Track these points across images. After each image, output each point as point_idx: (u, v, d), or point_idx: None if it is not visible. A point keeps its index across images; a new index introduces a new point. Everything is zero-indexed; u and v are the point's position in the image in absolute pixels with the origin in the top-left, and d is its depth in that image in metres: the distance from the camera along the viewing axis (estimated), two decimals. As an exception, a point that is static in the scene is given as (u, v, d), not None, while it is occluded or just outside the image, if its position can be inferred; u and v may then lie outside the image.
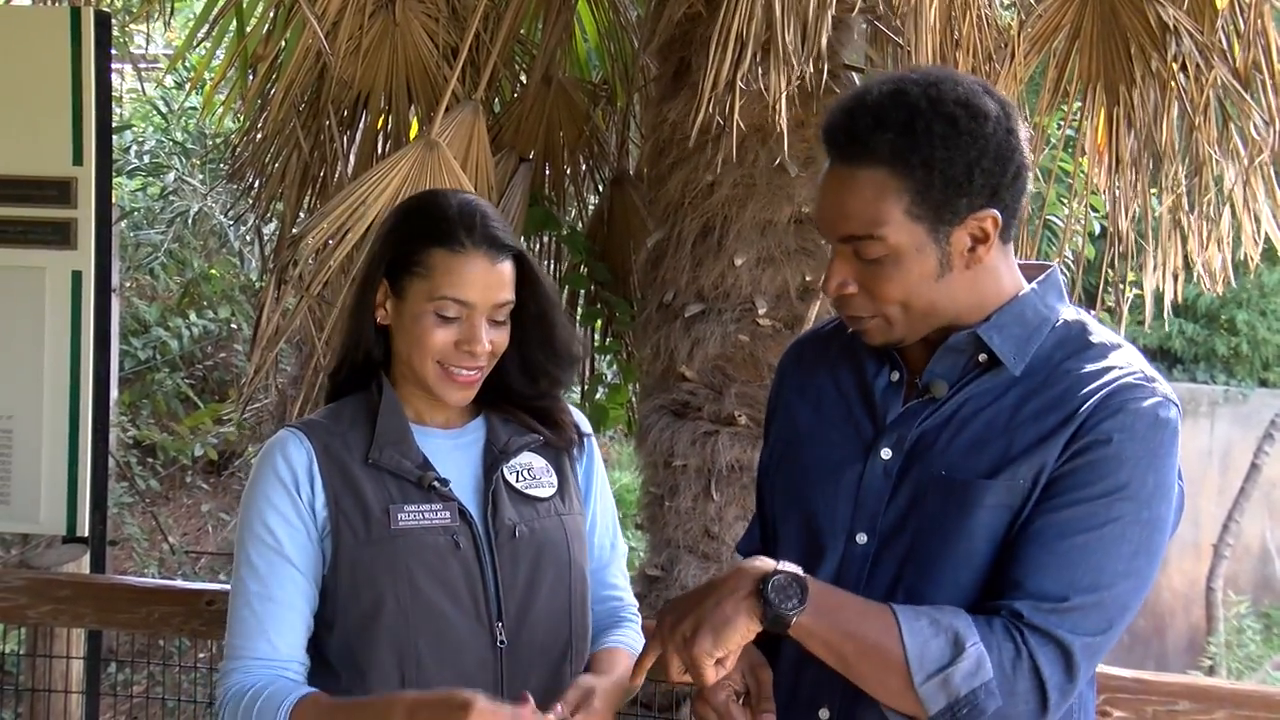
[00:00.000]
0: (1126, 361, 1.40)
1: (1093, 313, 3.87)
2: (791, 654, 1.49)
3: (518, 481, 1.71)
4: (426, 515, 1.63)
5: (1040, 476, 1.36)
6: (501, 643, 1.63)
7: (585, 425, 1.83)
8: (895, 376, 1.50)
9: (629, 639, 1.81)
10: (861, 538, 1.45)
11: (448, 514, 1.63)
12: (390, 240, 1.70)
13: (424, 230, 1.67)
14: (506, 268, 1.67)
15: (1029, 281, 1.48)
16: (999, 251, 1.45)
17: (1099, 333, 1.45)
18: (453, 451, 1.71)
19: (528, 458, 1.73)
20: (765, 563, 1.35)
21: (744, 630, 1.33)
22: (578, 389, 4.03)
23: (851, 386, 1.55)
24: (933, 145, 1.36)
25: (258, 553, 1.62)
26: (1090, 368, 1.39)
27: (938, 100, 1.37)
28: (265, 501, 1.63)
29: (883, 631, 1.32)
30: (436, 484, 1.64)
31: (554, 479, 1.74)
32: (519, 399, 1.77)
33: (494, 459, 1.71)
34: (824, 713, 1.46)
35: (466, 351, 1.64)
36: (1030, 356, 1.43)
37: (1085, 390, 1.37)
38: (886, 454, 1.46)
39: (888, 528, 1.44)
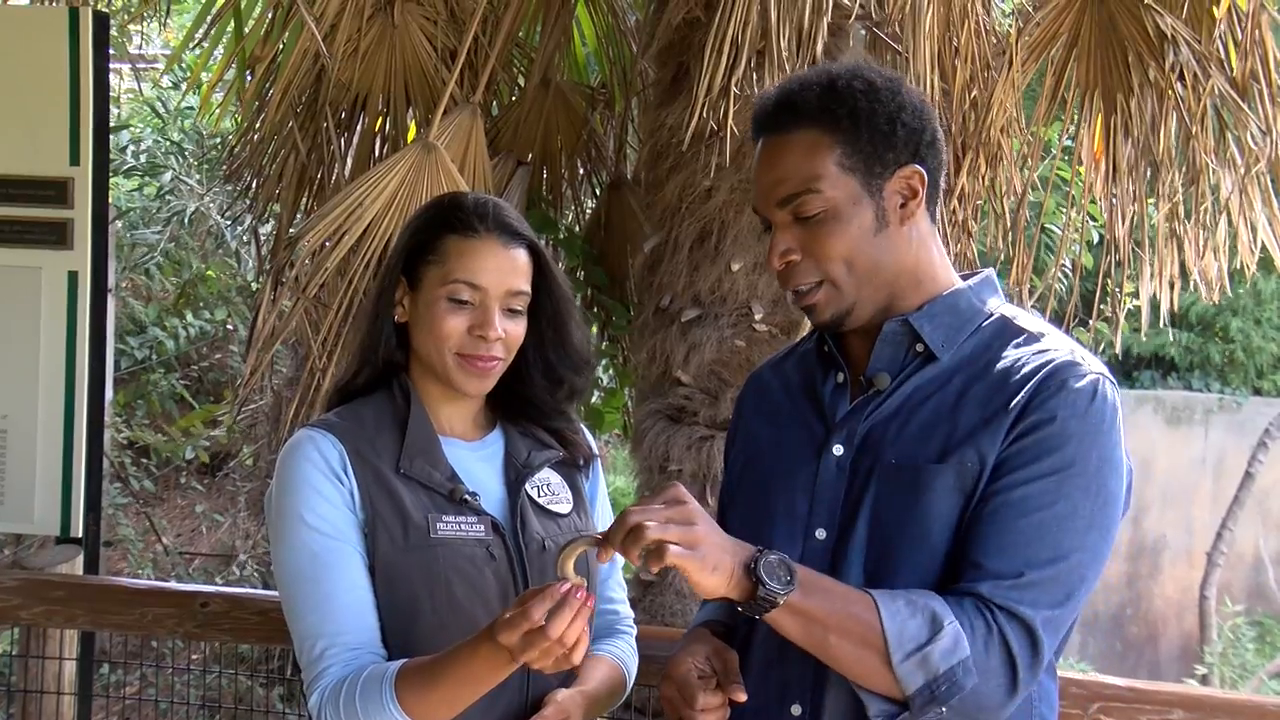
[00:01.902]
0: (1059, 344, 1.47)
1: (1090, 321, 3.87)
2: (760, 655, 1.53)
3: (539, 497, 1.71)
4: (464, 527, 1.62)
5: (988, 459, 1.40)
6: None
7: (594, 447, 1.84)
8: (841, 378, 1.55)
9: (618, 650, 1.82)
10: (820, 533, 1.48)
11: (482, 527, 1.64)
12: (407, 233, 1.72)
13: (439, 220, 1.69)
14: (521, 256, 1.68)
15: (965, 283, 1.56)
16: (929, 227, 1.53)
17: (1030, 321, 1.52)
18: (475, 464, 1.71)
19: (546, 473, 1.74)
20: (748, 546, 1.35)
21: (709, 584, 1.31)
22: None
23: (801, 395, 1.60)
24: (855, 97, 1.46)
25: (311, 539, 1.58)
26: (1026, 352, 1.46)
27: (856, 68, 1.51)
28: (311, 490, 1.59)
29: (861, 612, 1.34)
30: (469, 498, 1.64)
31: (569, 495, 1.75)
32: (537, 413, 1.77)
33: (517, 473, 1.71)
34: (795, 709, 1.49)
35: (479, 337, 1.63)
36: (963, 346, 1.49)
37: (1024, 372, 1.43)
38: (838, 450, 1.50)
39: (845, 520, 1.47)
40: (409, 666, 1.53)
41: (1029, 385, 1.41)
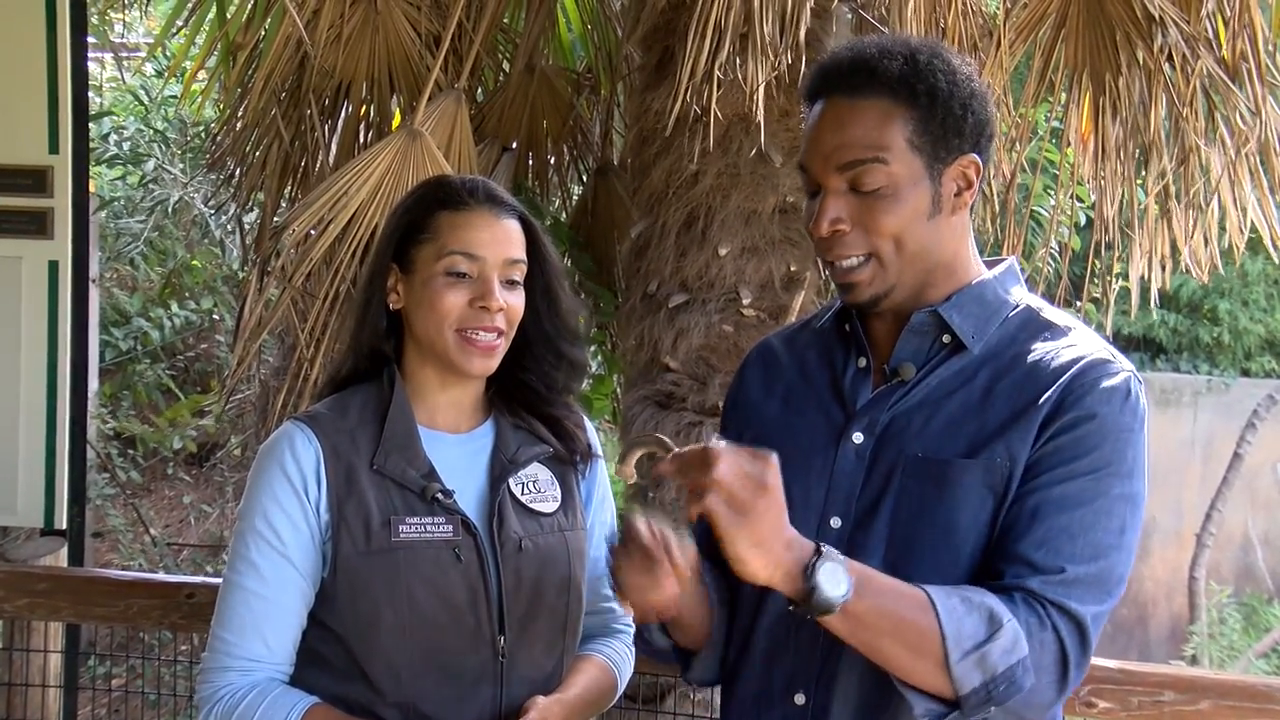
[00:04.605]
0: (1088, 340, 1.45)
1: (1079, 303, 3.86)
2: (764, 643, 1.50)
3: (523, 494, 1.67)
4: (429, 529, 1.59)
5: (1018, 456, 1.38)
6: (503, 656, 1.61)
7: (597, 446, 1.80)
8: (862, 363, 1.52)
9: (611, 650, 1.80)
10: (835, 522, 1.45)
11: (450, 527, 1.60)
12: (395, 216, 1.70)
13: (429, 199, 1.67)
14: (513, 226, 1.66)
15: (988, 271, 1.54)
16: (968, 219, 1.50)
17: (1055, 315, 1.50)
18: (458, 458, 1.67)
19: (534, 469, 1.70)
20: (807, 543, 1.29)
21: (748, 560, 1.25)
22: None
23: (819, 376, 1.56)
24: (936, 77, 1.42)
25: (259, 551, 1.58)
26: (1055, 346, 1.44)
27: (935, 46, 1.47)
28: (271, 499, 1.59)
29: (916, 614, 1.30)
30: (440, 496, 1.61)
31: (558, 493, 1.71)
32: (536, 399, 1.73)
33: (502, 469, 1.67)
34: (799, 698, 1.46)
35: (482, 308, 1.60)
36: (990, 337, 1.46)
37: (1054, 367, 1.41)
38: (858, 438, 1.47)
39: (863, 511, 1.44)
40: (319, 714, 1.55)
41: (1061, 381, 1.39)
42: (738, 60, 2.75)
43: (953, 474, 1.39)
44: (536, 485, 1.69)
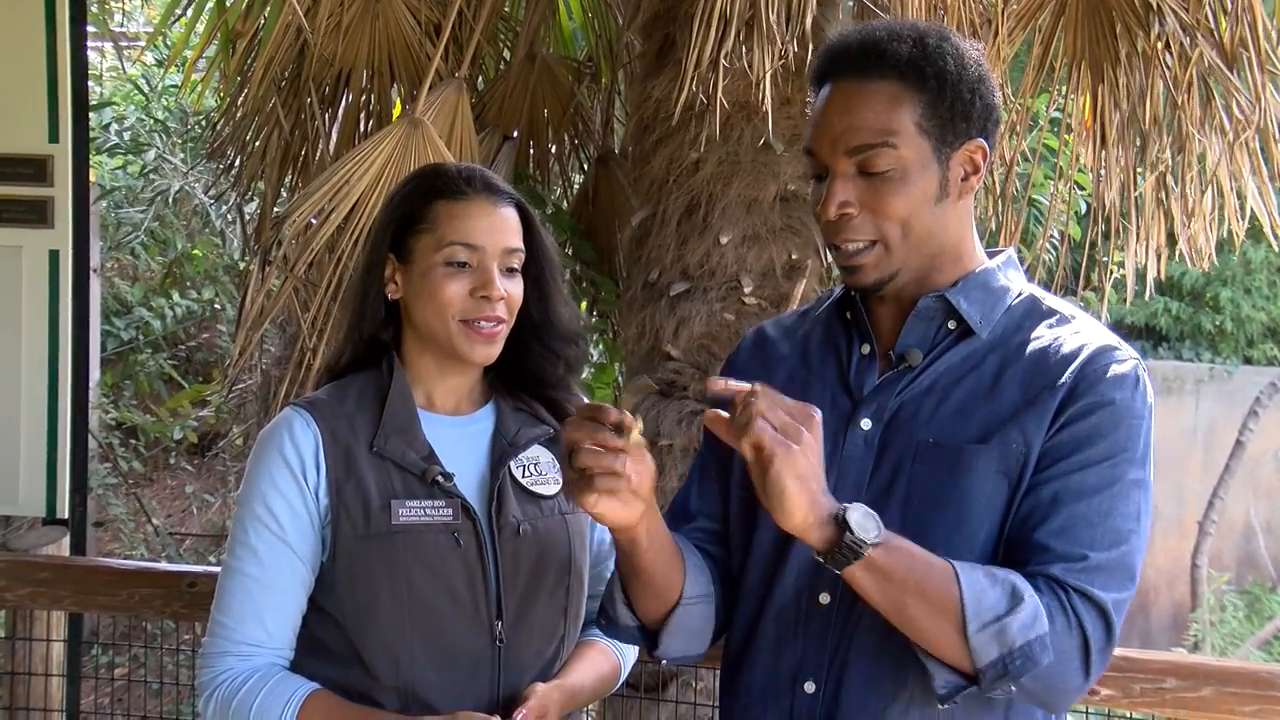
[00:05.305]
0: (1093, 327, 1.46)
1: (1079, 291, 3.85)
2: (772, 631, 1.49)
3: (524, 477, 1.67)
4: (428, 512, 1.59)
5: (1033, 441, 1.38)
6: (500, 641, 1.61)
7: None
8: (866, 350, 1.51)
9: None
10: None
11: (450, 511, 1.60)
12: (391, 206, 1.70)
13: (425, 188, 1.67)
14: (511, 215, 1.66)
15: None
16: (971, 205, 1.51)
17: (1058, 302, 1.51)
18: (458, 441, 1.67)
19: (535, 451, 1.70)
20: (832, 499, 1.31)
21: (791, 493, 1.26)
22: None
23: (822, 364, 1.55)
24: (945, 60, 1.42)
25: (258, 536, 1.59)
26: (1062, 333, 1.45)
27: (943, 30, 1.47)
28: (270, 483, 1.59)
29: (939, 578, 1.31)
30: (440, 479, 1.61)
31: (559, 475, 1.70)
32: (536, 383, 1.73)
33: (502, 451, 1.67)
34: (809, 686, 1.45)
35: (483, 298, 1.60)
36: (996, 324, 1.47)
37: (1064, 354, 1.41)
38: (866, 424, 1.46)
39: (873, 498, 1.42)
40: (317, 700, 1.55)
41: (1073, 367, 1.39)
42: (743, 48, 2.75)
43: (966, 459, 1.39)
44: (538, 467, 1.69)
